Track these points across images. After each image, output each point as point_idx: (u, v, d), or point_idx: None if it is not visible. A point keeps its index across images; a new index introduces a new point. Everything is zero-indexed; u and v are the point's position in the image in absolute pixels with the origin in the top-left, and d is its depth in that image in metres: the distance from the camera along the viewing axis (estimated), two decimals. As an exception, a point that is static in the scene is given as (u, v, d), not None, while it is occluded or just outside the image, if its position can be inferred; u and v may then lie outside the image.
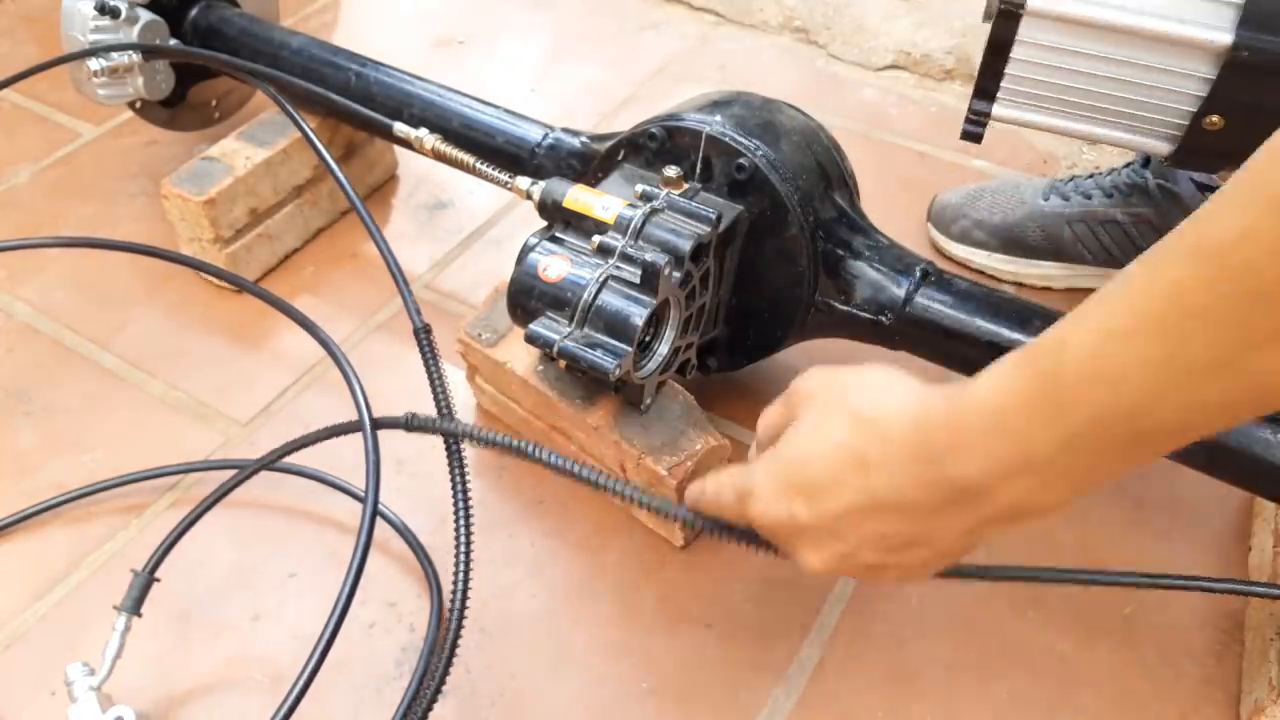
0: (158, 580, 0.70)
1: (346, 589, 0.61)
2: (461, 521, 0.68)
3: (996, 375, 0.45)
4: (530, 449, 0.60)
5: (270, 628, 0.76)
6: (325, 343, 0.80)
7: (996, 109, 0.63)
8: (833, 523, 0.50)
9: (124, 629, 0.68)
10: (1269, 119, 0.58)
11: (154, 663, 0.73)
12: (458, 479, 0.67)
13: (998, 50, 0.61)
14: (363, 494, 0.81)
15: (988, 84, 0.62)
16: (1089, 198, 0.96)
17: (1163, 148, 0.63)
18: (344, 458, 0.87)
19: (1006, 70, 0.61)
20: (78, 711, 0.66)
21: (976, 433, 0.44)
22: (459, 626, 0.69)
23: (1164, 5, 0.58)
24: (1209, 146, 0.61)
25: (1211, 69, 0.58)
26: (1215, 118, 0.59)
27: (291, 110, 0.94)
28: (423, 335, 0.78)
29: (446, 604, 0.74)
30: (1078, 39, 0.59)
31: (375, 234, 0.84)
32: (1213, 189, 0.81)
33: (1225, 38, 0.57)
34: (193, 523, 0.71)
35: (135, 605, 0.69)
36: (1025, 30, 0.59)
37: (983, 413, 0.44)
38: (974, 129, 0.65)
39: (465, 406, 0.91)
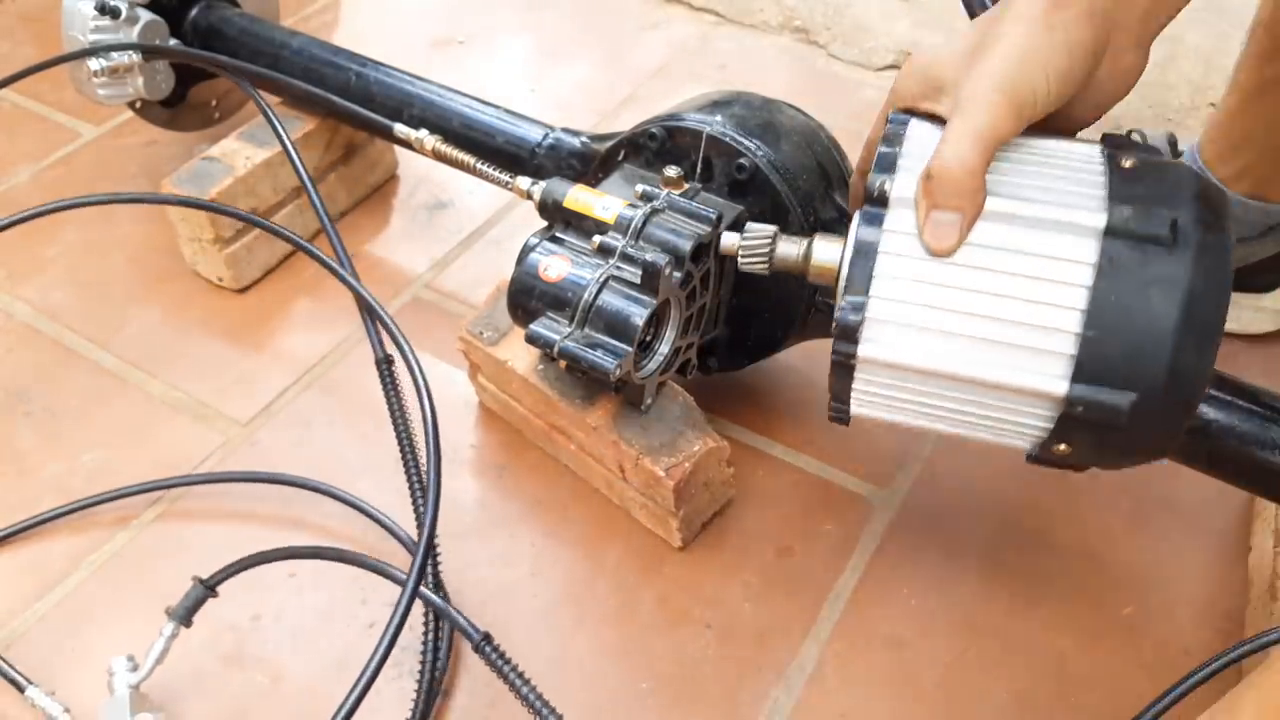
0: (214, 595, 0.70)
1: (379, 655, 0.61)
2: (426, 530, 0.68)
3: None
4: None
5: (270, 627, 0.76)
6: (388, 326, 0.79)
7: (855, 410, 0.61)
8: None
9: (170, 635, 0.68)
10: (1119, 450, 0.56)
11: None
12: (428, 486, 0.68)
13: (841, 381, 0.58)
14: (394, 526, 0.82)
15: (840, 393, 0.59)
16: None
17: (1029, 449, 0.60)
18: (345, 458, 0.87)
19: (852, 395, 0.59)
20: (111, 705, 0.66)
21: None
22: (452, 637, 0.69)
23: (996, 355, 0.54)
24: (1067, 464, 0.59)
25: (1051, 412, 0.55)
26: (1063, 446, 0.57)
27: (275, 119, 0.95)
28: (384, 366, 0.79)
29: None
30: (915, 382, 0.57)
31: (341, 254, 0.84)
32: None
33: (1060, 387, 0.53)
34: (270, 559, 0.72)
35: (186, 615, 0.69)
36: (862, 374, 0.57)
37: None
38: (840, 418, 0.62)
39: (468, 405, 0.91)
